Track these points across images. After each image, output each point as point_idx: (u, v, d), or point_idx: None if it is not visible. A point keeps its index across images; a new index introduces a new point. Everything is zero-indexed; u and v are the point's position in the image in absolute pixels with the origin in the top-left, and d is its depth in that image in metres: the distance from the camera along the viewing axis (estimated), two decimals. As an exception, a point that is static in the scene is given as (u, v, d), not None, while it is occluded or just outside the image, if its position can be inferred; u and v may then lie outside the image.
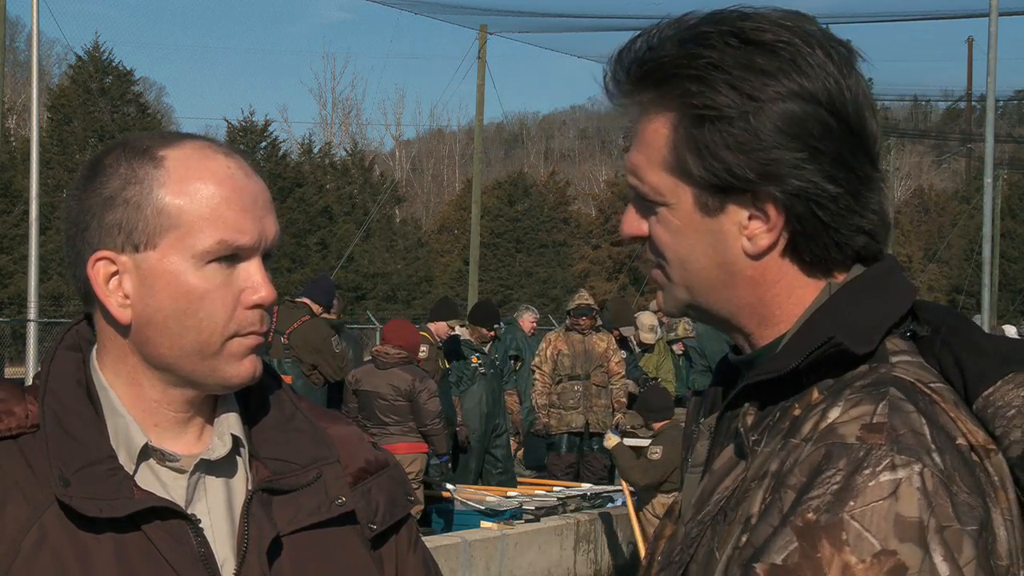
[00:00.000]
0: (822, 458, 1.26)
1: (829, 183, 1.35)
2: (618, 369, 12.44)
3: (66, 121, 40.72)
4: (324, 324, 10.58)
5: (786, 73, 1.35)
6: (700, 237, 1.40)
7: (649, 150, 1.41)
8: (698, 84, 1.35)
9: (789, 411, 1.36)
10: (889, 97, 72.95)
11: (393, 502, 1.70)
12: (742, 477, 1.37)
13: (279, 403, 1.68)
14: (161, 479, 1.57)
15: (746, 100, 1.34)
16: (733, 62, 1.35)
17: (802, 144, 1.34)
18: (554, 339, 12.44)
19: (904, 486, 1.23)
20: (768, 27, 1.37)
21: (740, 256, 1.39)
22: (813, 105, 1.34)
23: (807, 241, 1.37)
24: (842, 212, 1.36)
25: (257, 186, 1.59)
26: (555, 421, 12.28)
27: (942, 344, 1.38)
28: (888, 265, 1.42)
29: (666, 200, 1.40)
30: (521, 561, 9.79)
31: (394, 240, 47.35)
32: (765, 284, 1.40)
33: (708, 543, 1.37)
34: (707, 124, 1.35)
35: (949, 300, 48.26)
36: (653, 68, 1.39)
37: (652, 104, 1.40)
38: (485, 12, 36.29)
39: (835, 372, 1.35)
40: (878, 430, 1.26)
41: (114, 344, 1.59)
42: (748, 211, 1.37)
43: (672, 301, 1.46)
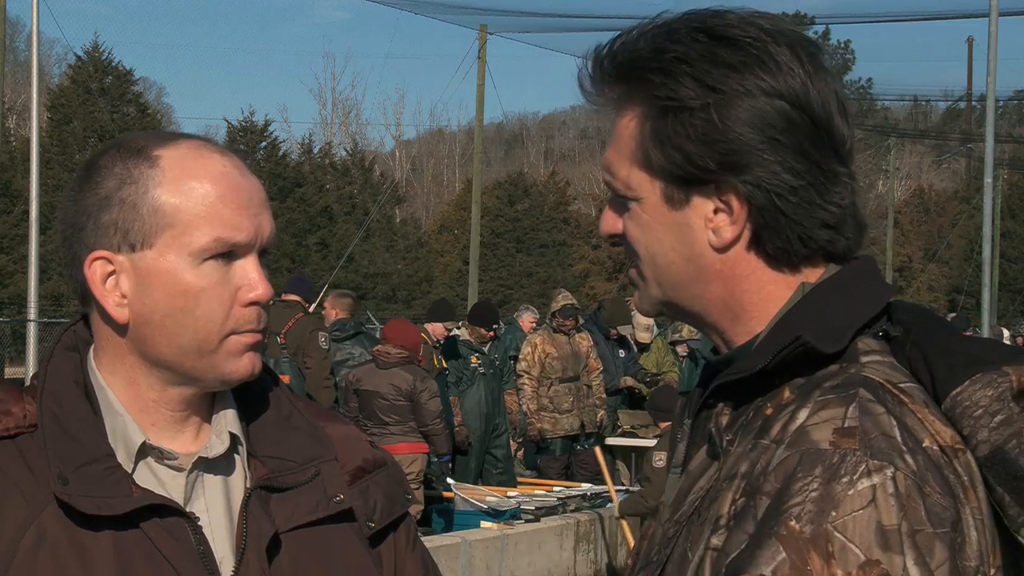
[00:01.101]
0: (796, 464, 1.27)
1: (789, 175, 1.36)
2: (596, 365, 12.46)
3: (66, 121, 40.72)
4: (313, 320, 10.58)
5: (750, 68, 1.36)
6: (667, 231, 1.41)
7: (620, 145, 1.43)
8: (662, 76, 1.38)
9: (762, 410, 1.37)
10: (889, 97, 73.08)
11: (391, 501, 1.71)
12: (715, 477, 1.38)
13: (277, 401, 1.68)
14: (159, 477, 1.57)
15: (708, 92, 1.36)
16: (697, 55, 1.37)
17: (763, 136, 1.36)
18: (539, 342, 12.35)
19: (880, 493, 1.24)
20: (736, 23, 1.39)
21: (707, 249, 1.40)
22: (776, 99, 1.36)
23: (769, 233, 1.38)
24: (803, 204, 1.37)
25: (252, 184, 1.59)
26: (550, 425, 12.26)
27: (912, 344, 1.38)
28: (862, 265, 1.43)
29: (636, 195, 1.43)
30: (521, 561, 9.79)
31: (394, 240, 47.37)
32: (734, 279, 1.41)
33: (682, 543, 1.38)
34: (670, 115, 1.37)
35: (949, 300, 48.30)
36: (622, 63, 1.41)
37: (622, 99, 1.43)
38: (485, 12, 36.38)
39: (806, 371, 1.36)
40: (850, 435, 1.27)
41: (112, 344, 1.59)
42: (712, 203, 1.39)
43: (646, 299, 1.48)
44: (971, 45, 64.79)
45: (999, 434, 1.30)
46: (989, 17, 21.03)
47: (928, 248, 53.08)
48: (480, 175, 35.13)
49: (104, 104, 39.55)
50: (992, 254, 22.86)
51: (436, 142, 79.43)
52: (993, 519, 1.31)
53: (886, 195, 52.34)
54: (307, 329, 10.26)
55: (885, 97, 71.53)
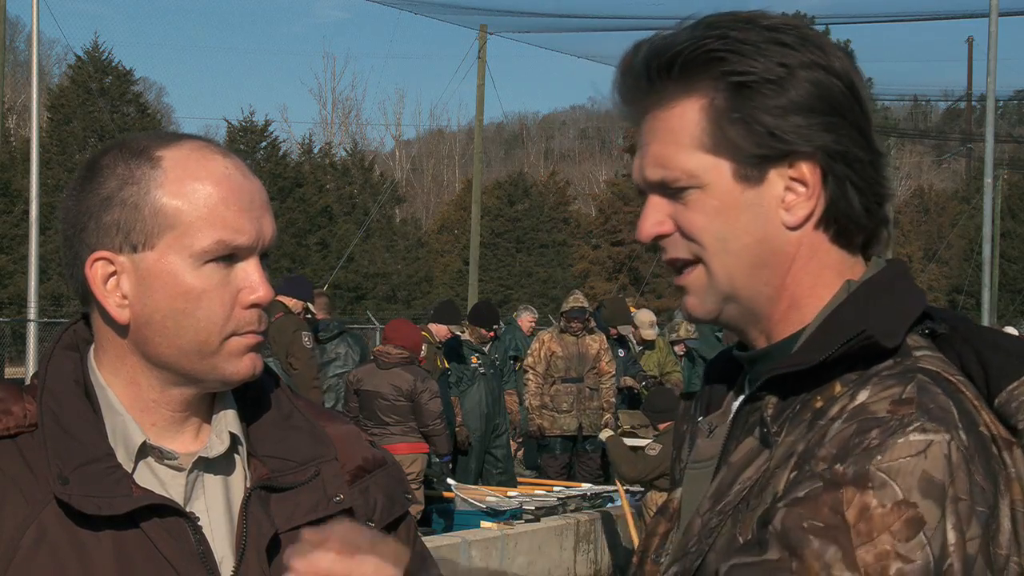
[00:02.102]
0: (853, 431, 1.29)
1: (857, 148, 1.40)
2: (608, 369, 12.44)
3: (66, 121, 40.69)
4: (294, 320, 10.50)
5: (806, 47, 1.40)
6: (741, 212, 1.41)
7: (676, 135, 1.42)
8: (733, 56, 1.39)
9: (810, 403, 1.38)
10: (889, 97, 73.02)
11: (391, 500, 1.71)
12: (765, 467, 1.39)
13: (277, 401, 1.68)
14: (159, 477, 1.57)
15: (779, 67, 1.38)
16: (758, 37, 1.40)
17: (832, 109, 1.39)
18: (547, 339, 12.39)
19: (934, 447, 1.27)
20: (771, 16, 1.43)
21: (780, 229, 1.42)
22: (834, 77, 1.40)
23: (843, 203, 1.41)
24: (868, 176, 1.41)
25: (254, 186, 1.60)
26: (548, 423, 12.27)
27: (963, 341, 1.41)
28: (899, 267, 1.46)
29: (700, 181, 1.42)
30: (521, 561, 9.78)
31: (394, 240, 47.35)
32: (799, 260, 1.42)
33: (729, 531, 1.39)
34: (745, 91, 1.39)
35: (949, 300, 48.28)
36: (678, 53, 1.41)
37: (676, 91, 1.42)
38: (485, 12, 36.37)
39: (859, 366, 1.38)
40: (908, 403, 1.30)
41: (112, 344, 1.59)
42: (784, 181, 1.40)
43: (711, 296, 1.45)
44: (971, 45, 64.72)
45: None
46: (989, 17, 21.04)
47: (928, 248, 53.05)
48: (480, 175, 35.13)
49: (104, 104, 39.53)
50: (992, 254, 22.86)
51: (436, 142, 79.39)
52: None
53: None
54: (289, 329, 10.18)
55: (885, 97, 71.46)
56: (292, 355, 10.11)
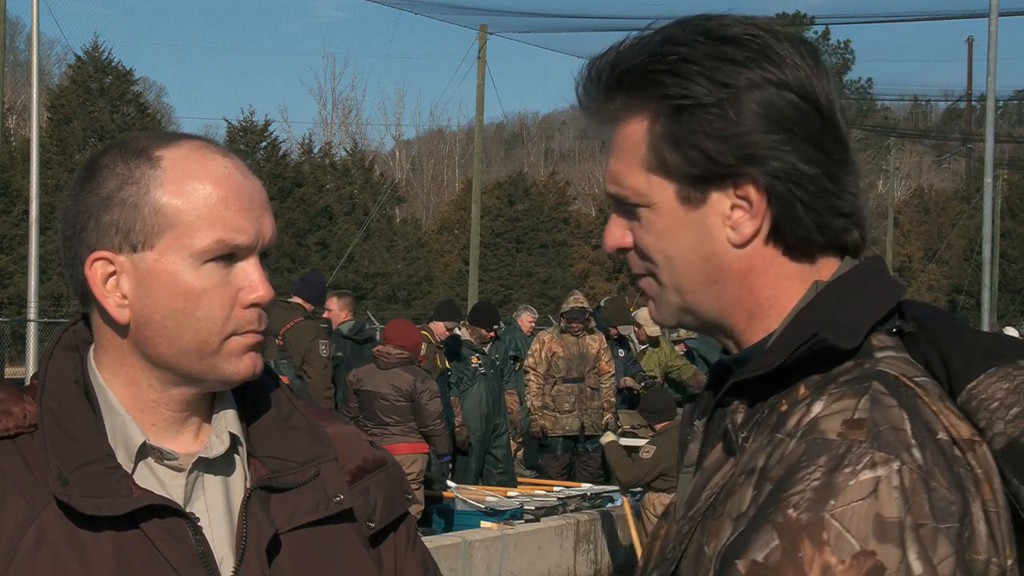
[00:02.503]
0: (802, 453, 1.27)
1: (805, 164, 1.38)
2: (608, 368, 12.45)
3: (66, 121, 40.70)
4: (314, 326, 10.46)
5: (756, 62, 1.37)
6: (685, 232, 1.41)
7: (626, 154, 1.43)
8: (672, 77, 1.38)
9: (777, 407, 1.37)
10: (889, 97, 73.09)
11: (391, 500, 1.71)
12: (730, 473, 1.39)
13: (277, 401, 1.68)
14: (159, 477, 1.57)
15: (720, 88, 1.37)
16: (704, 55, 1.38)
17: (778, 127, 1.37)
18: (548, 340, 12.40)
19: (883, 484, 1.24)
20: (734, 24, 1.40)
21: (726, 247, 1.40)
22: (785, 91, 1.37)
23: (789, 222, 1.39)
24: (820, 193, 1.38)
25: (254, 186, 1.59)
26: (550, 424, 12.28)
27: (927, 340, 1.39)
28: (872, 264, 1.44)
29: (648, 200, 1.42)
30: (521, 561, 9.79)
31: (394, 240, 47.35)
32: (752, 275, 1.41)
33: (698, 539, 1.38)
34: (684, 114, 1.38)
35: (949, 300, 48.30)
36: (624, 71, 1.41)
37: (625, 108, 1.42)
38: (485, 12, 36.37)
39: (822, 368, 1.36)
40: (859, 426, 1.27)
41: (112, 344, 1.59)
42: (730, 199, 1.39)
43: (666, 308, 1.47)
44: (971, 45, 64.81)
45: (1015, 426, 1.31)
46: (989, 17, 21.04)
47: (928, 248, 53.08)
48: (480, 175, 35.13)
49: (104, 104, 39.54)
50: (992, 254, 22.87)
51: (436, 142, 79.39)
52: (1009, 511, 1.32)
53: (886, 195, 52.33)
54: (308, 336, 10.14)
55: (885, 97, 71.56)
56: (308, 363, 10.09)
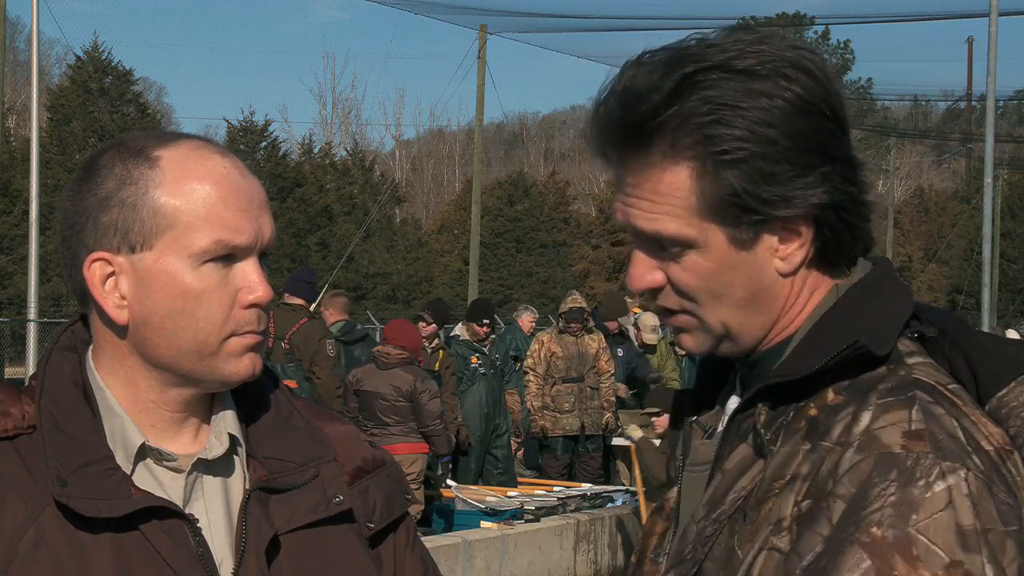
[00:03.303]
0: (872, 468, 1.28)
1: (849, 185, 1.39)
2: (607, 368, 12.46)
3: (66, 121, 40.69)
4: (320, 325, 10.46)
5: (783, 89, 1.36)
6: (735, 272, 1.40)
7: (669, 199, 1.39)
8: (714, 127, 1.35)
9: (804, 411, 1.37)
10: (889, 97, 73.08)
11: (391, 501, 1.70)
12: (760, 477, 1.38)
13: (276, 402, 1.67)
14: (159, 479, 1.57)
15: (765, 128, 1.35)
16: (736, 95, 1.35)
17: (822, 156, 1.36)
18: (547, 340, 12.40)
19: (956, 494, 1.26)
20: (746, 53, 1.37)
21: (775, 277, 1.41)
22: (815, 115, 1.36)
23: (836, 244, 1.40)
24: (860, 209, 1.40)
25: (253, 186, 1.59)
26: (550, 424, 12.28)
27: (952, 345, 1.40)
28: (887, 268, 1.45)
29: (695, 244, 1.40)
30: (521, 561, 9.78)
31: (394, 240, 47.35)
32: (792, 295, 1.42)
33: (726, 541, 1.38)
34: (734, 164, 1.35)
35: (949, 300, 48.29)
36: (660, 121, 1.37)
37: (664, 156, 1.38)
38: (485, 12, 36.39)
39: (849, 373, 1.37)
40: (919, 437, 1.29)
41: (111, 345, 1.59)
42: (779, 233, 1.39)
43: (706, 340, 1.45)
44: (971, 45, 64.77)
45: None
46: (989, 17, 21.04)
47: (928, 248, 53.07)
48: (480, 175, 35.13)
49: (104, 104, 39.52)
50: (992, 254, 22.87)
51: (436, 142, 79.38)
52: None
53: (886, 195, 52.31)
54: (315, 336, 10.13)
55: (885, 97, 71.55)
56: (316, 363, 10.07)
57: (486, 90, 32.43)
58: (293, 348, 10.05)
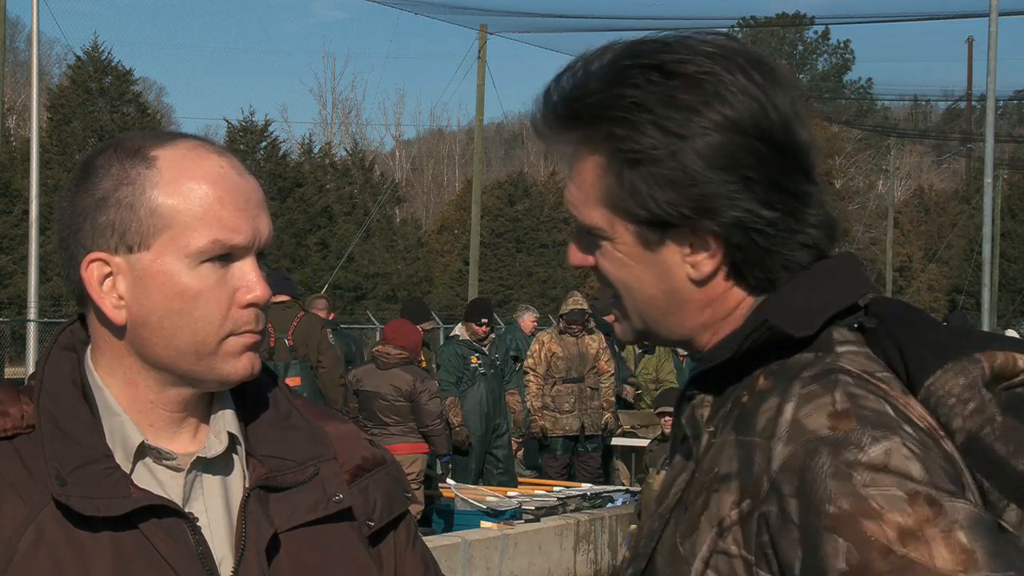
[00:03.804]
0: (804, 456, 1.27)
1: (765, 209, 1.37)
2: (607, 368, 12.47)
3: (66, 121, 40.69)
4: (317, 319, 10.57)
5: (709, 105, 1.35)
6: (644, 268, 1.42)
7: (584, 187, 1.43)
8: (623, 127, 1.37)
9: (739, 400, 1.38)
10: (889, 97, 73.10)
11: (391, 499, 1.70)
12: (694, 469, 1.39)
13: (275, 401, 1.68)
14: (158, 478, 1.57)
15: (673, 138, 1.35)
16: (656, 100, 1.36)
17: (734, 175, 1.35)
18: (547, 340, 12.40)
19: (894, 453, 1.25)
20: (688, 57, 1.37)
21: (686, 283, 1.41)
22: (740, 135, 1.35)
23: (749, 266, 1.39)
24: (781, 234, 1.38)
25: (250, 185, 1.59)
26: (550, 424, 12.29)
27: (886, 335, 1.40)
28: (837, 262, 1.43)
29: (607, 234, 1.42)
30: (521, 561, 9.79)
31: (394, 240, 47.35)
32: (716, 303, 1.42)
33: (671, 536, 1.39)
34: (637, 166, 1.37)
35: (949, 300, 48.33)
36: (579, 108, 1.40)
37: (581, 143, 1.42)
38: (485, 12, 36.42)
39: (780, 358, 1.37)
40: (846, 416, 1.28)
41: (109, 345, 1.59)
42: (688, 243, 1.39)
43: (628, 330, 1.48)
44: (971, 45, 64.81)
45: (973, 422, 1.32)
46: (989, 17, 21.05)
47: (928, 248, 53.08)
48: (480, 175, 35.13)
49: (104, 104, 39.53)
50: (992, 254, 22.88)
51: (436, 142, 79.35)
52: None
53: (886, 195, 52.34)
54: (316, 327, 10.25)
55: (885, 97, 71.58)
56: (322, 352, 10.19)
57: (486, 90, 32.46)
58: (297, 344, 10.10)
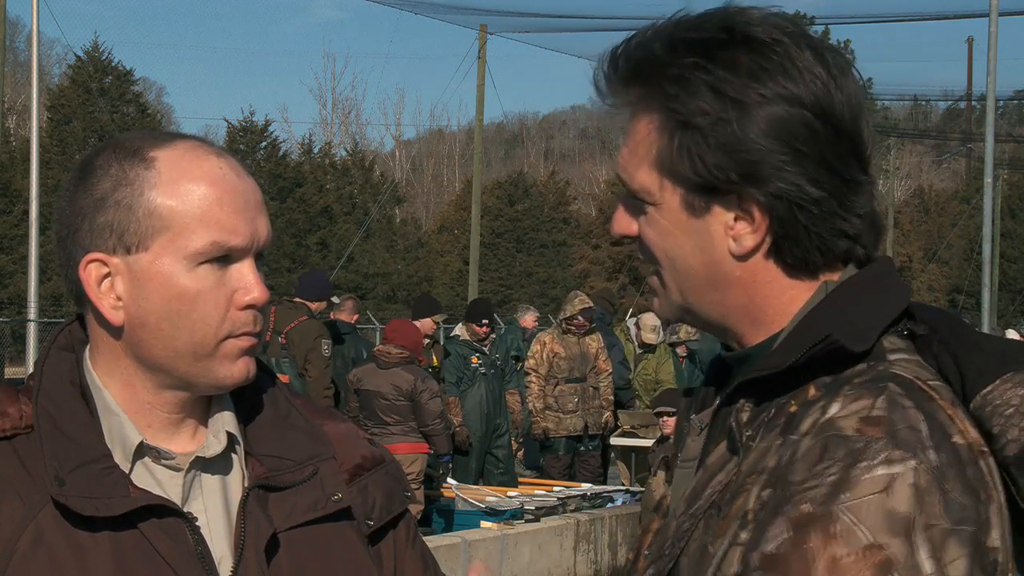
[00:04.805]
0: (821, 450, 1.27)
1: (812, 186, 1.36)
2: (606, 367, 12.48)
3: (66, 121, 40.70)
4: (318, 325, 10.50)
5: (771, 75, 1.35)
6: (687, 237, 1.41)
7: (638, 149, 1.42)
8: (680, 87, 1.36)
9: (785, 407, 1.37)
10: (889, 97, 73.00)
11: (390, 498, 1.70)
12: (735, 472, 1.38)
13: (274, 400, 1.68)
14: (157, 477, 1.57)
15: (728, 103, 1.34)
16: (716, 61, 1.35)
17: (785, 147, 1.35)
18: (548, 341, 12.38)
19: (898, 481, 1.24)
20: (759, 23, 1.37)
21: (727, 256, 1.40)
22: (798, 108, 1.35)
23: (788, 243, 1.38)
24: (824, 216, 1.37)
25: (249, 186, 1.59)
26: (553, 424, 12.28)
27: (940, 343, 1.39)
28: (884, 266, 1.43)
29: (654, 199, 1.41)
30: (521, 561, 9.78)
31: (394, 240, 47.34)
32: (755, 285, 1.41)
33: (701, 537, 1.38)
34: (689, 127, 1.36)
35: (949, 300, 48.29)
36: (640, 67, 1.40)
37: (640, 103, 1.41)
38: (485, 12, 36.41)
39: (833, 370, 1.36)
40: (876, 423, 1.27)
41: (107, 345, 1.59)
42: (733, 212, 1.38)
43: (667, 305, 1.47)
44: (971, 45, 64.73)
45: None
46: (989, 17, 21.05)
47: (928, 248, 53.05)
48: (480, 175, 35.12)
49: (104, 104, 39.54)
50: (992, 254, 22.88)
51: (436, 142, 79.32)
52: (1011, 520, 1.32)
53: (886, 195, 52.29)
54: (311, 335, 10.19)
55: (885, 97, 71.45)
56: (310, 361, 10.15)
57: (486, 90, 32.43)
58: (289, 343, 10.11)
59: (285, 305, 10.34)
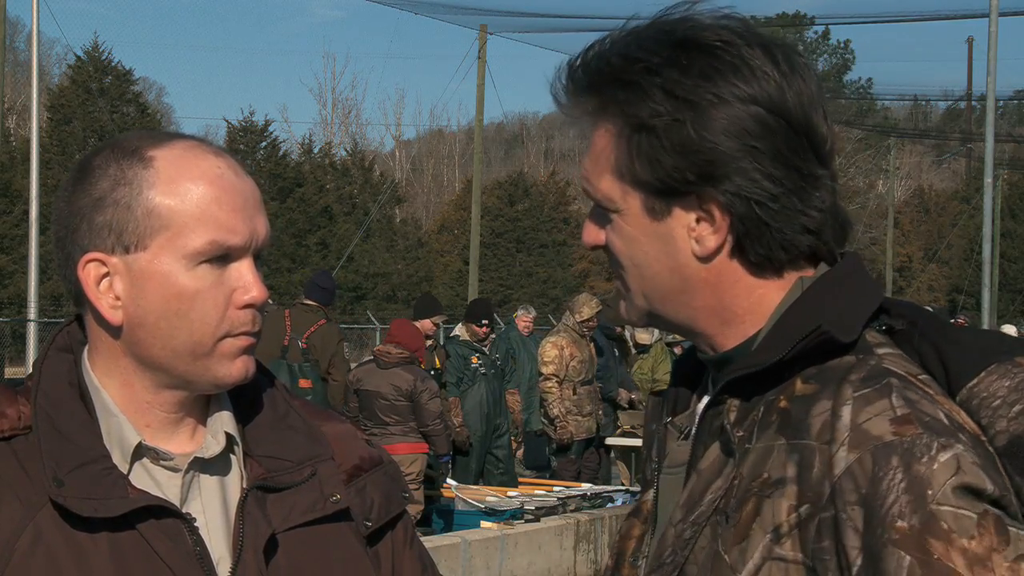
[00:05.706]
0: (872, 463, 1.27)
1: (769, 182, 1.36)
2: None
3: (66, 121, 40.72)
4: (338, 329, 10.57)
5: (723, 74, 1.36)
6: (651, 242, 1.41)
7: (598, 158, 1.43)
8: (633, 91, 1.37)
9: (774, 404, 1.37)
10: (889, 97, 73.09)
11: (388, 499, 1.70)
12: (735, 475, 1.37)
13: (272, 401, 1.67)
14: (155, 478, 1.57)
15: (681, 104, 1.36)
16: (667, 65, 1.37)
17: (740, 144, 1.36)
18: (566, 345, 12.33)
19: (963, 461, 1.26)
20: (707, 27, 1.39)
21: (691, 259, 1.41)
22: (751, 106, 1.36)
23: (751, 241, 1.39)
24: (784, 211, 1.38)
25: (247, 186, 1.59)
26: (574, 428, 12.31)
27: (921, 337, 1.39)
28: (853, 263, 1.44)
29: (617, 207, 1.42)
30: (521, 561, 9.78)
31: (394, 240, 47.37)
32: (722, 285, 1.42)
33: (710, 544, 1.37)
34: (644, 130, 1.37)
35: (949, 300, 48.32)
36: (595, 76, 1.41)
37: (598, 112, 1.42)
38: (485, 12, 36.42)
39: (816, 360, 1.37)
40: (908, 421, 1.29)
41: (106, 345, 1.58)
42: (694, 213, 1.39)
43: (632, 310, 1.48)
44: (971, 45, 64.83)
45: (1018, 424, 1.32)
46: (989, 17, 21.05)
47: (928, 248, 53.10)
48: (480, 175, 35.14)
49: (104, 104, 39.56)
50: (992, 254, 22.88)
51: (436, 142, 79.34)
52: None
53: (886, 195, 52.36)
54: (333, 339, 10.22)
55: (885, 97, 71.55)
56: (334, 365, 10.17)
57: (486, 90, 32.47)
58: (310, 348, 10.10)
59: (299, 308, 10.32)
